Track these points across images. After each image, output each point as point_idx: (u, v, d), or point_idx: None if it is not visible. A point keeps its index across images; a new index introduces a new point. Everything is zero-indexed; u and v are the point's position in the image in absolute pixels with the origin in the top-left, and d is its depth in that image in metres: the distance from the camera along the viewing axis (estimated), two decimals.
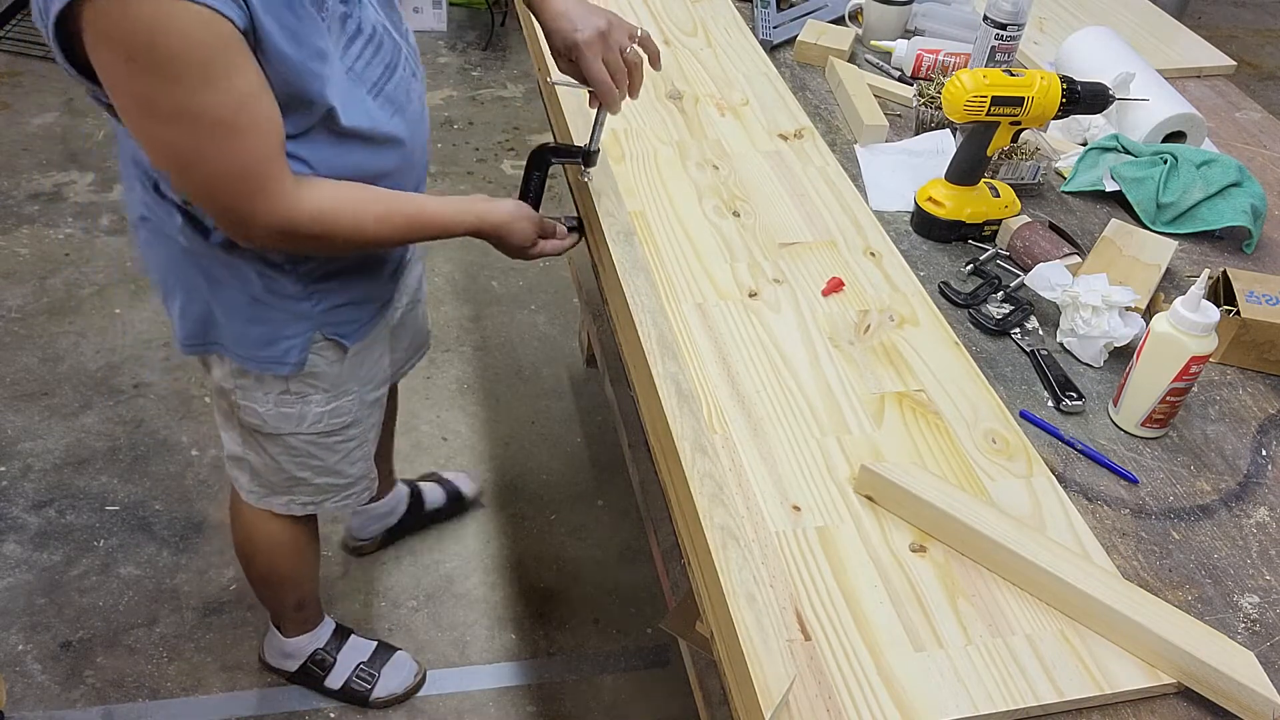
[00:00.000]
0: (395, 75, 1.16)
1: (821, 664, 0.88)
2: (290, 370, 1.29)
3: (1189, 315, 1.07)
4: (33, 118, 3.24)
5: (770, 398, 1.12)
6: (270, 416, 1.34)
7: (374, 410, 1.45)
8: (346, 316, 1.30)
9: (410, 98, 1.19)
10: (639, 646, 1.97)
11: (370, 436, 1.48)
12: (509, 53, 3.85)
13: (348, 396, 1.37)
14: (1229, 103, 1.82)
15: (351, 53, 1.09)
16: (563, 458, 2.32)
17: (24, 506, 2.10)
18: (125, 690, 1.82)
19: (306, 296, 1.24)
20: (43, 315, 2.54)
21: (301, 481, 1.45)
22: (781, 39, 1.84)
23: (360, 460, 1.48)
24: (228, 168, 1.01)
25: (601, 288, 1.37)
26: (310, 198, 1.07)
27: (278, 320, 1.25)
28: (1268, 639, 0.95)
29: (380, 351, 1.41)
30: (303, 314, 1.25)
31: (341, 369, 1.34)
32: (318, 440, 1.39)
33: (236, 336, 1.26)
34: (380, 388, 1.45)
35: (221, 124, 0.97)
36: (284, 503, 1.49)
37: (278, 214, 1.05)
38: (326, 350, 1.31)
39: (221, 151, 0.99)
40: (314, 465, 1.43)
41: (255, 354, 1.27)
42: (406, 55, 1.19)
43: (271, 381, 1.31)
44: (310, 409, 1.34)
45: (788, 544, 0.97)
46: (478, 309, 2.68)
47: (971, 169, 1.38)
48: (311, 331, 1.27)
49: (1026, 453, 1.09)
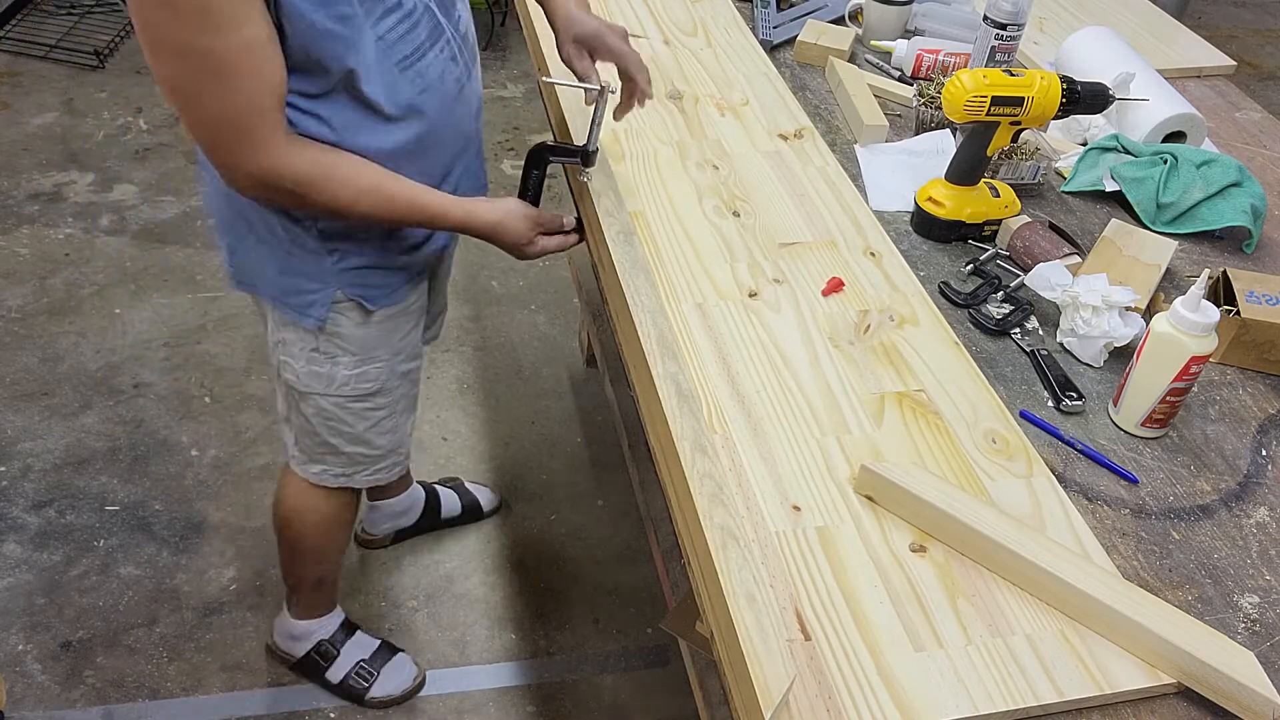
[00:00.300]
0: (430, 53, 1.18)
1: (821, 664, 0.87)
2: (313, 324, 1.32)
3: (1189, 315, 1.07)
4: (33, 118, 3.25)
5: (770, 398, 1.12)
6: (303, 374, 1.38)
7: (405, 382, 1.47)
8: (371, 280, 1.32)
9: (444, 79, 1.21)
10: (639, 646, 1.97)
11: (400, 409, 1.49)
12: (509, 53, 3.85)
13: (376, 363, 1.39)
14: (1229, 103, 1.82)
15: (386, 24, 1.12)
16: (563, 458, 2.32)
17: (24, 506, 2.10)
18: (125, 690, 1.82)
19: (327, 253, 1.27)
20: (43, 315, 2.54)
21: (332, 449, 1.48)
22: (781, 39, 1.84)
23: (389, 432, 1.50)
24: (220, 112, 1.06)
25: (601, 288, 1.37)
26: (296, 158, 1.12)
27: (303, 272, 1.29)
28: (1268, 639, 0.95)
29: (413, 323, 1.43)
30: (325, 270, 1.29)
31: (368, 333, 1.36)
32: (346, 405, 1.42)
33: (270, 281, 1.32)
34: (413, 360, 1.47)
35: (219, 68, 1.02)
36: (318, 472, 1.52)
37: (261, 166, 1.10)
38: (350, 311, 1.33)
39: (216, 95, 1.04)
40: (344, 432, 1.45)
41: (284, 300, 1.32)
42: (450, 38, 1.21)
43: (304, 338, 1.35)
44: (339, 371, 1.38)
45: (788, 544, 0.97)
46: (478, 309, 2.68)
47: (971, 169, 1.38)
48: (332, 289, 1.30)
49: (1026, 453, 1.09)
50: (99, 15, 3.74)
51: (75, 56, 3.53)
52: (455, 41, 1.22)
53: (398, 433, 1.52)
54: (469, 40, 1.27)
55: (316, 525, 1.63)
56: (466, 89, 1.26)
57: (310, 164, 1.13)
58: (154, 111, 3.32)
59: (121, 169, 3.06)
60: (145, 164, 3.09)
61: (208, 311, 2.59)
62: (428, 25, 1.17)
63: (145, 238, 2.81)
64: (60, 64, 3.52)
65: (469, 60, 1.26)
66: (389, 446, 1.52)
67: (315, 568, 1.73)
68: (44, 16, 3.73)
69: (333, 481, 1.53)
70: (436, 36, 1.19)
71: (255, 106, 1.06)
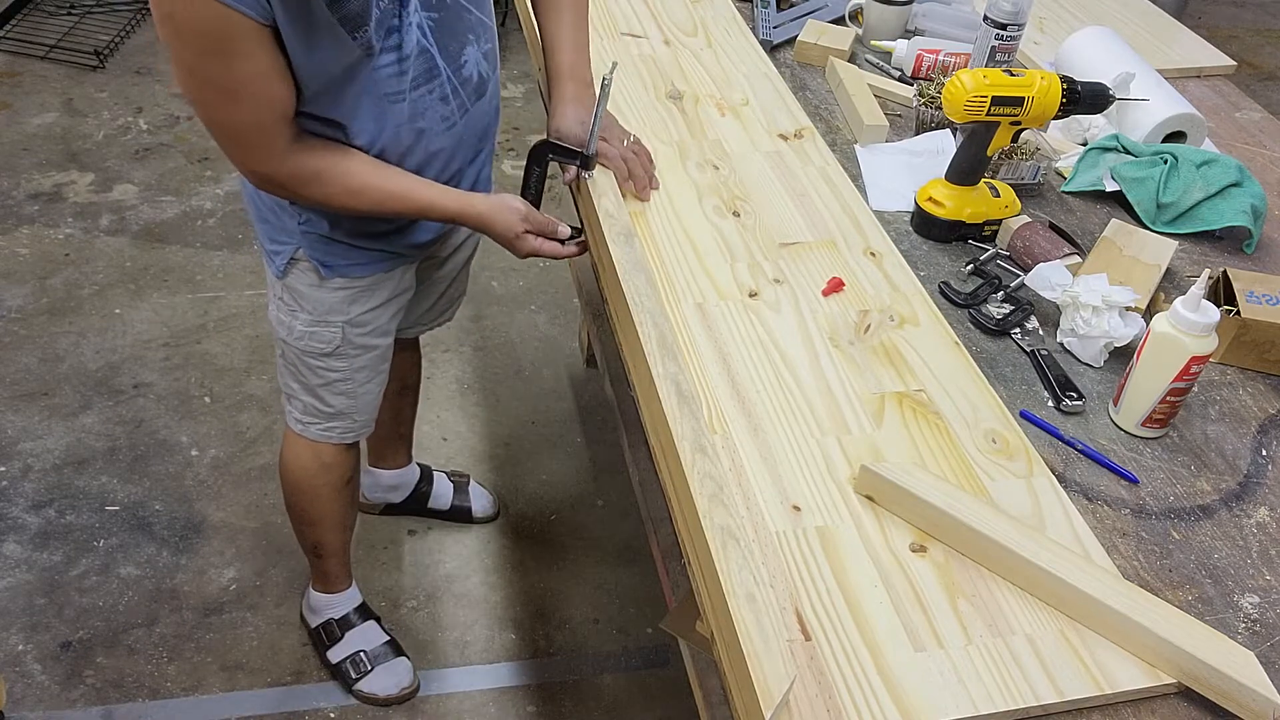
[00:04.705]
0: (416, 93, 1.24)
1: (821, 664, 0.87)
2: (276, 272, 1.42)
3: (1189, 315, 1.07)
4: (33, 118, 3.25)
5: (770, 398, 1.12)
6: (274, 317, 1.48)
7: (366, 355, 1.50)
8: (332, 250, 1.38)
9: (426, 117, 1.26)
10: (639, 646, 1.97)
11: (360, 378, 1.52)
12: (509, 53, 3.85)
13: (330, 327, 1.45)
14: (1229, 103, 1.82)
15: (382, 60, 1.19)
16: (563, 458, 2.32)
17: (24, 506, 2.10)
18: (125, 690, 1.82)
19: (295, 214, 1.35)
20: (43, 315, 2.54)
21: (294, 393, 1.55)
22: (781, 39, 1.84)
23: (344, 395, 1.53)
24: (225, 123, 1.15)
25: (601, 288, 1.37)
26: (293, 162, 1.19)
27: (275, 223, 1.39)
28: (1268, 639, 0.95)
29: (381, 301, 1.47)
30: (290, 228, 1.37)
31: (323, 296, 1.42)
32: (303, 357, 1.49)
33: (256, 220, 1.42)
34: (378, 337, 1.50)
35: (223, 91, 1.10)
36: (288, 413, 1.59)
37: (260, 168, 1.20)
38: (308, 272, 1.40)
39: (223, 110, 1.13)
40: (301, 380, 1.52)
41: (263, 243, 1.42)
42: (446, 80, 1.26)
43: (274, 284, 1.44)
44: (296, 324, 1.45)
45: (788, 544, 0.97)
46: (478, 309, 2.68)
47: (972, 169, 1.38)
48: (294, 247, 1.38)
49: (1026, 453, 1.09)
50: (99, 15, 3.74)
51: (75, 56, 3.53)
52: (451, 83, 1.27)
53: (355, 399, 1.55)
54: (471, 82, 1.30)
55: (303, 490, 1.67)
56: (459, 126, 1.31)
57: (309, 167, 1.20)
58: (154, 111, 3.32)
59: (121, 169, 3.06)
60: (145, 164, 3.09)
61: (208, 311, 2.59)
62: (422, 66, 1.22)
63: (145, 238, 2.81)
64: (60, 64, 3.52)
65: (468, 99, 1.30)
66: (341, 408, 1.55)
67: (310, 530, 1.75)
68: (44, 16, 3.72)
69: (294, 425, 1.59)
70: (430, 78, 1.24)
71: (256, 124, 1.14)
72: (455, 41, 1.26)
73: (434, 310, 1.73)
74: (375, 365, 1.53)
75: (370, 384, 1.55)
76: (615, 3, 1.89)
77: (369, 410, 1.59)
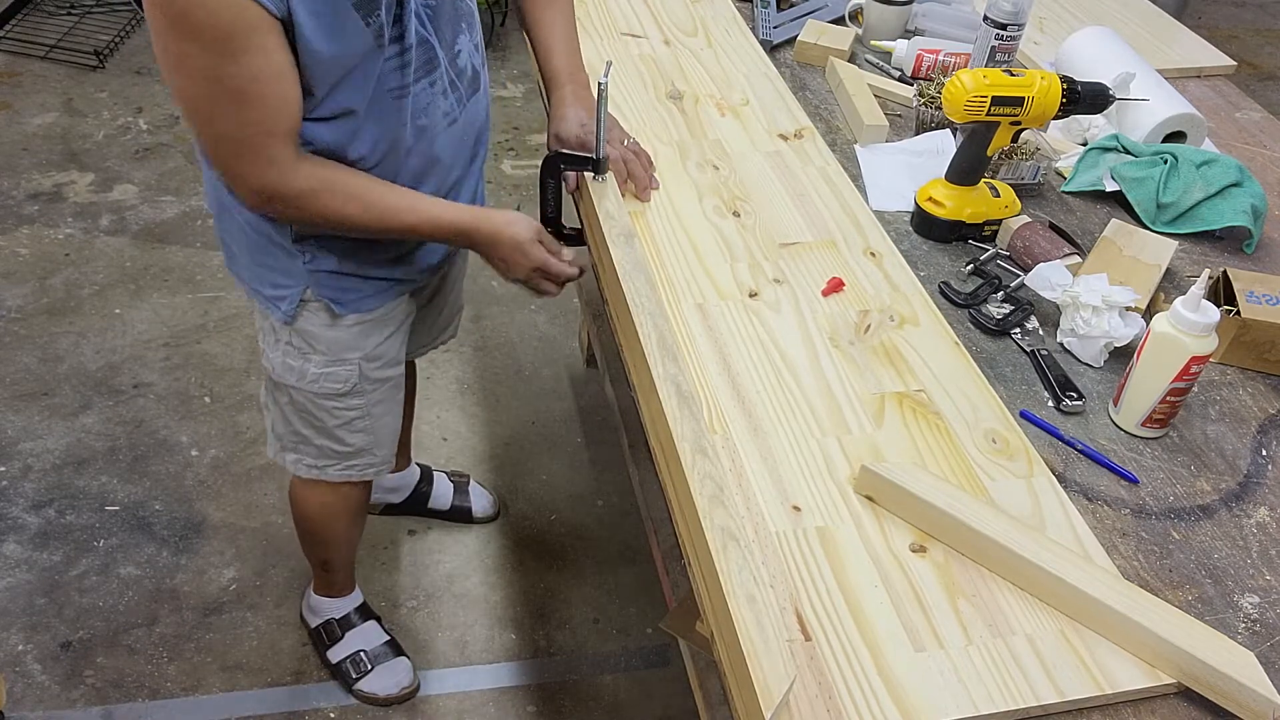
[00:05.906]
0: (419, 85, 1.21)
1: (821, 664, 0.88)
2: (281, 318, 1.35)
3: (1189, 315, 1.07)
4: (33, 118, 3.25)
5: (770, 398, 1.12)
6: (278, 365, 1.41)
7: (382, 388, 1.47)
8: (344, 285, 1.34)
9: (430, 112, 1.24)
10: (639, 646, 1.97)
11: (377, 413, 1.50)
12: (509, 53, 3.85)
13: (346, 365, 1.41)
14: (1229, 103, 1.82)
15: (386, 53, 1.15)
16: (563, 458, 2.32)
17: (24, 506, 2.10)
18: (125, 690, 1.82)
19: (298, 252, 1.30)
20: (43, 315, 2.54)
21: (305, 440, 1.49)
22: (781, 39, 1.84)
23: (363, 432, 1.50)
24: (232, 131, 1.10)
25: (601, 288, 1.37)
26: (300, 177, 1.15)
27: (276, 266, 1.32)
28: (1268, 639, 0.95)
29: (392, 331, 1.44)
30: (295, 269, 1.31)
31: (338, 335, 1.37)
32: (316, 400, 1.44)
33: (246, 266, 1.35)
34: (391, 367, 1.47)
35: (235, 92, 1.06)
36: (293, 461, 1.53)
37: (265, 182, 1.14)
38: (319, 311, 1.35)
39: (231, 116, 1.08)
40: (315, 425, 1.47)
41: (258, 290, 1.35)
42: (445, 70, 1.24)
43: (279, 329, 1.37)
44: (310, 367, 1.40)
45: (788, 544, 0.97)
46: (478, 309, 2.68)
47: (972, 169, 1.38)
48: (301, 288, 1.32)
49: (1026, 453, 1.09)
50: (99, 15, 3.74)
51: (75, 56, 3.53)
52: (449, 75, 1.25)
53: (373, 434, 1.51)
54: (466, 74, 1.28)
55: (313, 511, 1.66)
56: (460, 122, 1.29)
57: (317, 182, 1.16)
58: (154, 111, 3.32)
59: (121, 169, 3.06)
60: (145, 164, 3.09)
61: (208, 311, 2.59)
62: (422, 56, 1.20)
63: (145, 238, 2.81)
64: (60, 64, 3.52)
65: (465, 93, 1.28)
66: (361, 445, 1.51)
67: (320, 549, 1.77)
68: (44, 16, 3.72)
69: (305, 472, 1.54)
70: (430, 69, 1.21)
71: (266, 129, 1.10)
72: (450, 30, 1.24)
73: (436, 328, 1.71)
74: (391, 396, 1.50)
75: (387, 416, 1.52)
76: (615, 2, 1.89)
77: (389, 444, 1.55)
